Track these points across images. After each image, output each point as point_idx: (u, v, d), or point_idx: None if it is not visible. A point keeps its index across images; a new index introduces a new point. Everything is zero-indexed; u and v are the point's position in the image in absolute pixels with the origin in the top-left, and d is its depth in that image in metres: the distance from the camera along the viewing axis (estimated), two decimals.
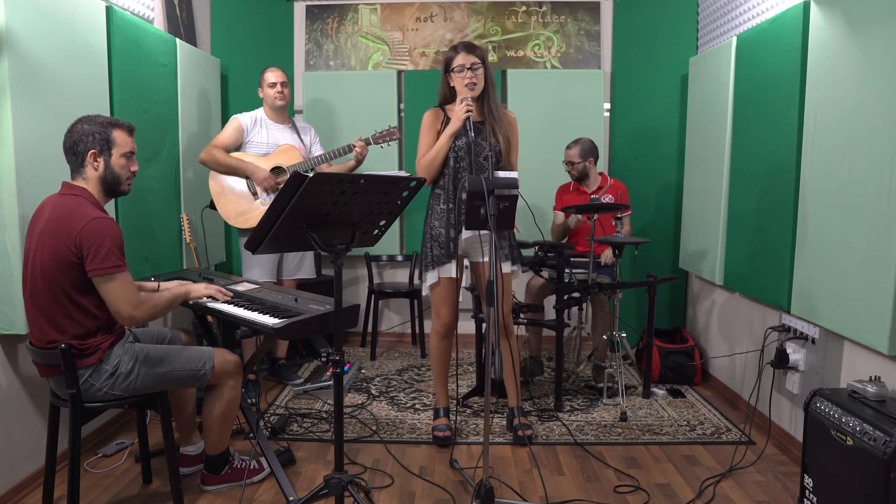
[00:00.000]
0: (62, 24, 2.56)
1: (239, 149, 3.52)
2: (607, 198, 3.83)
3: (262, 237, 2.07)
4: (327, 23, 4.64)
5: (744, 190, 3.31)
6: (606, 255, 3.78)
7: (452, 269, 2.90)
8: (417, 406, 3.48)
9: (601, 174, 3.96)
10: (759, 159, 3.13)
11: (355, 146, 3.55)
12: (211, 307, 2.39)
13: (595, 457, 2.87)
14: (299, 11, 4.65)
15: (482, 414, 3.31)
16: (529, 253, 3.53)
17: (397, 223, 4.60)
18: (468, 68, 2.77)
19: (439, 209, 2.90)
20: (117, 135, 2.16)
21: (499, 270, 2.23)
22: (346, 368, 2.98)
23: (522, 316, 3.53)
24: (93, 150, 2.12)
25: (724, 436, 3.11)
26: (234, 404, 2.43)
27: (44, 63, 2.45)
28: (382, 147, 3.75)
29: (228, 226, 4.23)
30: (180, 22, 3.82)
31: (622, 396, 3.38)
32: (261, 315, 2.23)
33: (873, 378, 2.19)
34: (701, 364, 3.90)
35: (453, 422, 3.15)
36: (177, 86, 3.53)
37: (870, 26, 2.33)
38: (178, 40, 3.55)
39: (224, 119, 4.17)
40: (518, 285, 4.19)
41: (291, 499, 2.35)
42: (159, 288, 2.40)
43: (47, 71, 2.47)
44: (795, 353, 2.83)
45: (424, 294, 2.99)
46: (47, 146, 2.43)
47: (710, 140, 3.71)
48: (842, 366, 2.58)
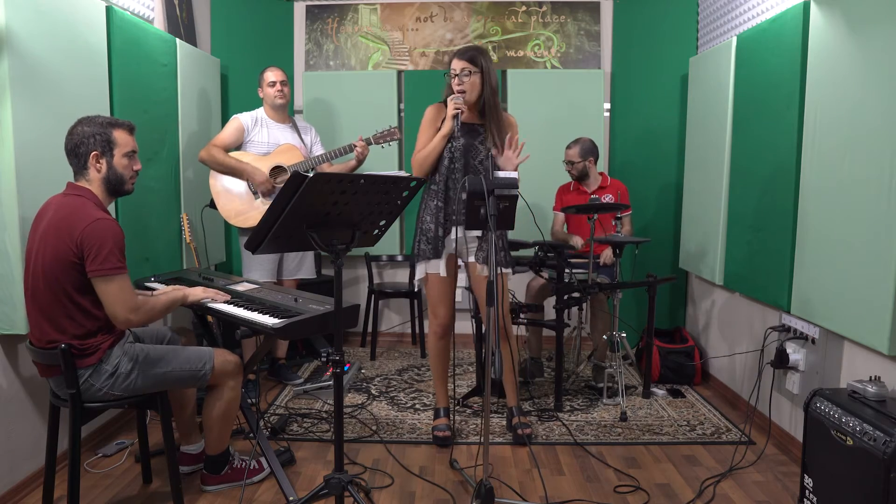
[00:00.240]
0: (62, 24, 2.56)
1: (239, 148, 3.52)
2: (607, 198, 3.83)
3: (262, 237, 2.07)
4: (327, 23, 4.64)
5: (744, 190, 3.31)
6: (606, 255, 3.78)
7: (440, 266, 2.91)
8: (417, 406, 3.48)
9: (601, 174, 3.96)
10: (759, 159, 3.13)
11: (356, 146, 3.55)
12: (211, 307, 2.39)
13: (595, 457, 2.87)
14: (299, 11, 4.65)
15: (482, 414, 3.31)
16: (529, 253, 3.53)
17: (397, 223, 4.60)
18: (457, 74, 2.84)
19: (433, 205, 2.93)
20: (118, 135, 2.16)
21: (497, 271, 2.23)
22: (346, 368, 2.99)
23: (522, 316, 3.52)
24: (95, 152, 2.12)
25: (724, 436, 3.11)
26: (234, 404, 2.44)
27: (44, 63, 2.45)
28: (383, 147, 3.75)
29: (228, 226, 4.23)
30: (180, 22, 3.82)
31: (622, 396, 3.38)
32: (261, 315, 2.23)
33: (873, 378, 2.19)
34: (701, 364, 3.90)
35: (453, 422, 3.15)
36: (177, 86, 3.53)
37: (870, 26, 2.33)
38: (178, 40, 3.55)
39: (224, 119, 4.17)
40: (518, 285, 4.19)
41: (291, 499, 2.35)
42: (154, 294, 2.40)
43: (47, 71, 2.47)
44: (795, 353, 2.83)
45: (416, 288, 3.01)
46: (47, 146, 2.43)
47: (710, 140, 3.71)
48: (842, 366, 2.58)
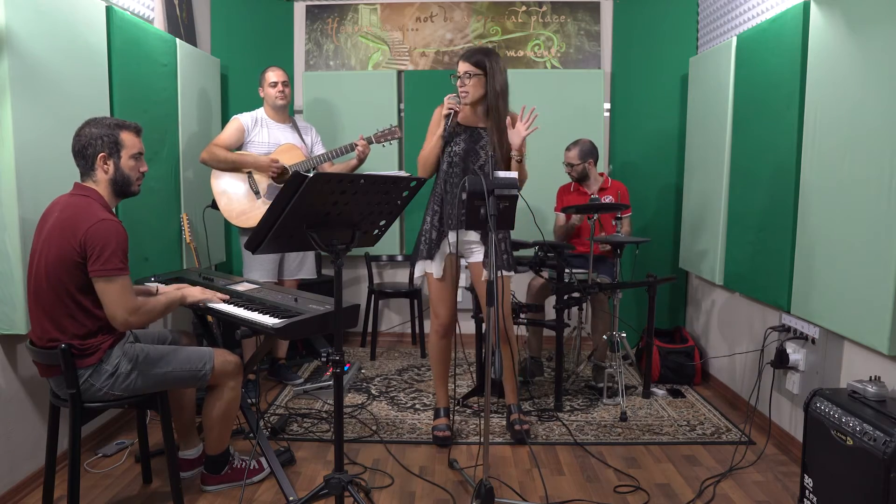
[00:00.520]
0: (62, 24, 2.56)
1: (240, 149, 3.52)
2: (607, 199, 3.83)
3: (263, 237, 2.07)
4: (327, 23, 4.64)
5: (744, 190, 3.31)
6: (604, 247, 3.77)
7: (436, 267, 2.92)
8: (417, 406, 3.48)
9: (601, 175, 3.96)
10: (759, 159, 3.13)
11: (357, 145, 3.55)
12: (211, 307, 2.39)
13: (595, 457, 2.87)
14: (299, 11, 4.65)
15: (482, 414, 3.31)
16: (529, 253, 3.53)
17: (397, 223, 4.60)
18: (459, 76, 2.84)
19: (433, 207, 2.94)
20: (125, 136, 2.18)
21: (495, 269, 2.23)
22: (346, 368, 2.99)
23: (522, 316, 3.53)
24: (102, 154, 2.13)
25: (724, 436, 3.11)
26: (235, 405, 2.44)
27: (44, 63, 2.45)
28: (384, 146, 3.75)
29: (229, 226, 4.23)
30: (180, 22, 3.82)
31: (622, 396, 3.38)
32: (261, 315, 2.23)
33: (873, 378, 2.19)
34: (701, 364, 3.90)
35: (453, 422, 3.15)
36: (177, 86, 3.53)
37: (870, 26, 2.33)
38: (178, 40, 3.55)
39: (224, 119, 4.17)
40: (518, 285, 4.19)
41: (291, 499, 2.35)
42: (157, 291, 2.41)
43: (47, 71, 2.47)
44: (795, 353, 2.83)
45: (417, 284, 3.01)
46: (47, 146, 2.44)
47: (710, 140, 3.71)
48: (842, 366, 2.58)
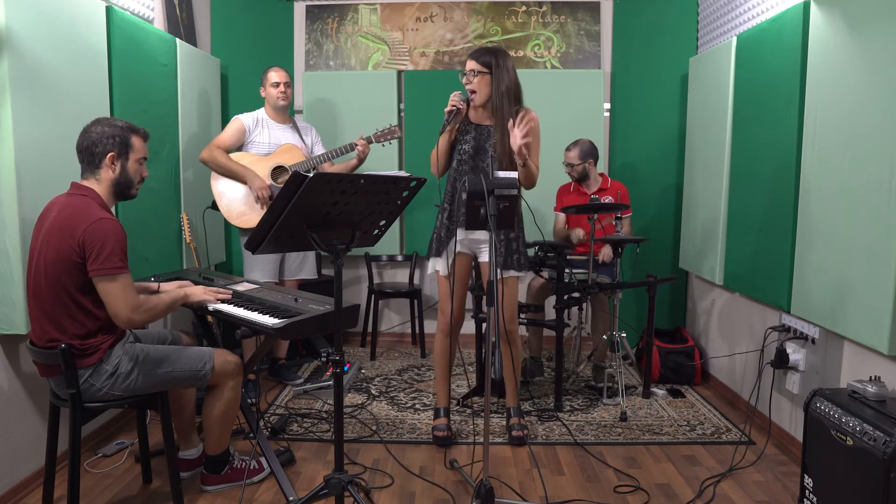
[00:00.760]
0: (62, 24, 2.56)
1: (241, 149, 3.52)
2: (607, 199, 3.83)
3: (262, 237, 2.07)
4: (327, 23, 4.64)
5: (744, 190, 3.31)
6: (605, 253, 3.78)
7: (441, 264, 2.93)
8: (417, 406, 3.48)
9: (601, 175, 3.96)
10: (759, 159, 3.13)
11: (357, 145, 3.55)
12: (211, 307, 2.39)
13: (595, 457, 2.87)
14: (299, 11, 4.65)
15: (482, 414, 3.31)
16: (529, 253, 3.53)
17: (397, 223, 4.60)
18: (465, 73, 2.85)
19: (444, 205, 2.97)
20: (136, 140, 2.21)
21: (498, 271, 2.23)
22: (346, 368, 2.98)
23: (522, 316, 3.52)
24: (112, 153, 2.14)
25: (724, 436, 3.11)
26: (235, 405, 2.44)
27: (44, 63, 2.45)
28: (384, 145, 3.75)
29: (229, 226, 4.23)
30: (180, 22, 3.82)
31: (622, 396, 3.38)
32: (261, 315, 2.23)
33: (873, 378, 2.19)
34: (701, 364, 3.90)
35: (454, 422, 3.15)
36: (177, 86, 3.54)
37: (870, 26, 2.33)
38: (178, 40, 3.55)
39: (224, 119, 4.17)
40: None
41: (291, 499, 2.35)
42: (159, 289, 2.41)
43: (47, 71, 2.47)
44: (795, 353, 2.83)
45: (429, 274, 3.01)
46: (47, 146, 2.44)
47: (710, 140, 3.71)
48: (842, 366, 2.58)
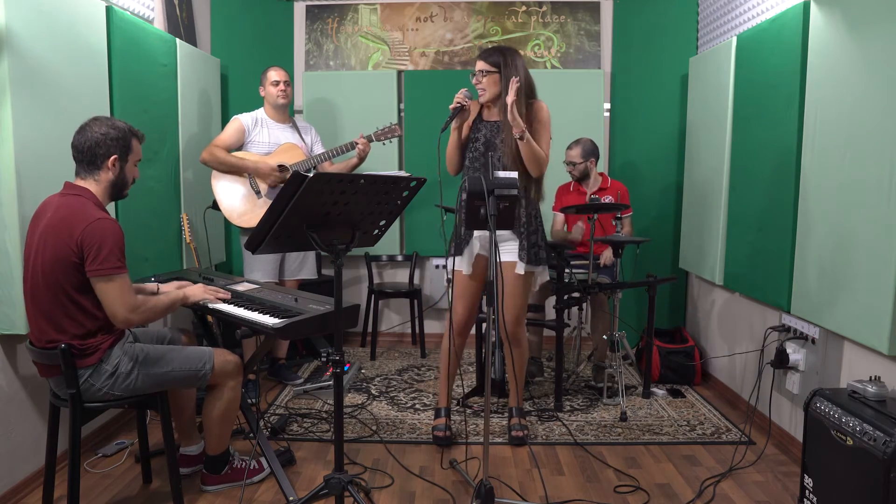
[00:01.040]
0: (62, 24, 2.56)
1: (240, 149, 3.52)
2: (607, 199, 3.83)
3: (263, 237, 2.07)
4: (327, 23, 4.64)
5: (744, 190, 3.31)
6: (606, 256, 3.78)
7: (462, 263, 2.92)
8: (417, 406, 3.48)
9: (601, 175, 3.96)
10: (759, 159, 3.13)
11: (357, 143, 3.55)
12: (211, 307, 2.39)
13: (595, 457, 2.87)
14: (299, 11, 4.65)
15: (482, 414, 3.31)
16: None
17: (397, 223, 4.60)
18: (473, 74, 2.87)
19: (459, 203, 2.98)
20: (135, 143, 2.23)
21: (498, 270, 2.23)
22: (346, 368, 2.98)
23: None
24: (115, 156, 2.15)
25: (724, 436, 3.11)
26: (235, 404, 2.43)
27: (44, 63, 2.45)
28: (384, 144, 3.75)
29: (229, 226, 4.24)
30: (180, 22, 3.82)
31: (622, 396, 3.38)
32: (261, 315, 2.23)
33: (873, 378, 2.19)
34: (701, 364, 3.90)
35: (454, 422, 3.15)
36: (177, 86, 3.54)
37: (870, 26, 2.33)
38: (178, 40, 3.55)
39: (224, 119, 4.17)
40: None
41: (291, 499, 2.35)
42: (158, 290, 2.41)
43: (47, 71, 2.47)
44: (795, 353, 2.83)
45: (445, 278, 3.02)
46: (47, 146, 2.44)
47: (710, 140, 3.71)
48: (842, 366, 2.58)
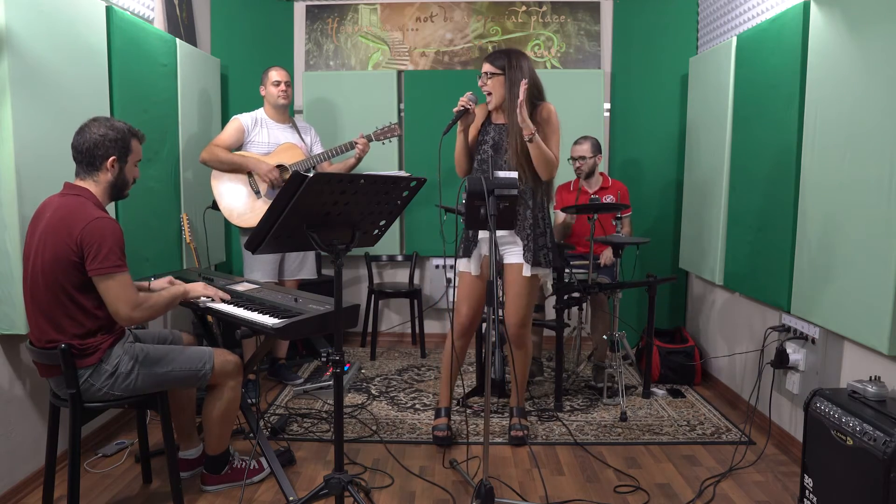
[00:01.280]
0: (62, 24, 2.56)
1: (240, 149, 3.52)
2: (608, 198, 3.83)
3: (263, 237, 2.07)
4: (327, 23, 4.64)
5: (744, 190, 3.31)
6: (606, 256, 3.78)
7: (470, 265, 2.93)
8: (417, 406, 3.48)
9: (602, 174, 3.97)
10: (759, 159, 3.13)
11: (357, 144, 3.55)
12: (211, 307, 2.39)
13: (595, 457, 2.87)
14: (299, 11, 4.65)
15: (482, 414, 3.31)
16: None
17: (397, 223, 4.60)
18: (479, 76, 2.88)
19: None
20: (135, 144, 2.22)
21: (497, 270, 2.23)
22: (346, 368, 2.98)
23: None
24: (114, 157, 2.15)
25: (724, 436, 3.11)
26: (235, 404, 2.44)
27: (44, 63, 2.45)
28: (384, 143, 3.75)
29: (229, 226, 4.24)
30: (180, 22, 3.82)
31: (622, 396, 3.38)
32: (261, 315, 2.23)
33: (873, 378, 2.19)
34: (701, 364, 3.90)
35: (454, 422, 3.14)
36: (177, 86, 3.54)
37: (870, 26, 2.33)
38: (178, 40, 3.55)
39: (224, 119, 4.17)
40: None
41: (291, 499, 2.35)
42: (150, 287, 2.41)
43: (47, 71, 2.47)
44: (795, 353, 2.83)
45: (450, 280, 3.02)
46: (47, 146, 2.44)
47: (710, 140, 3.71)
48: (842, 366, 2.58)
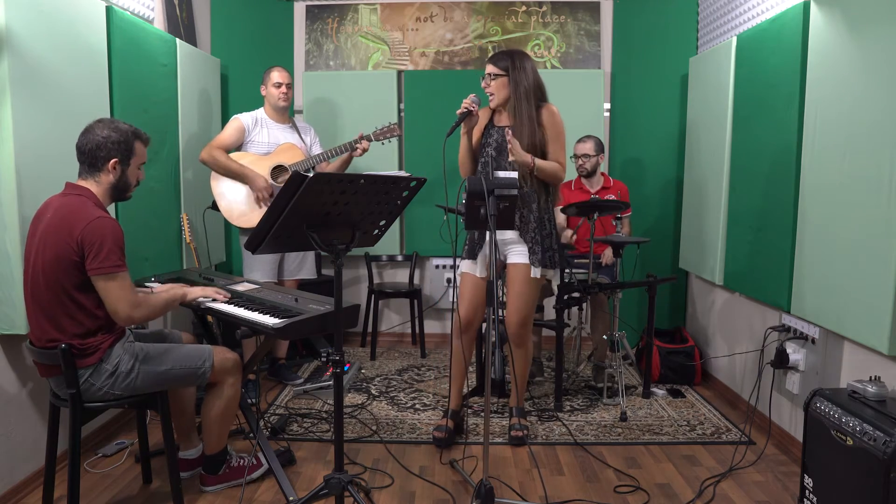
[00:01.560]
0: (62, 24, 2.56)
1: (240, 149, 3.52)
2: (609, 198, 3.83)
3: (262, 237, 2.07)
4: (327, 23, 4.64)
5: (744, 190, 3.31)
6: (607, 256, 3.78)
7: (474, 266, 2.93)
8: (417, 406, 3.48)
9: (603, 174, 3.97)
10: (759, 159, 3.13)
11: (357, 145, 3.54)
12: (211, 307, 2.39)
13: (595, 457, 2.87)
14: (299, 11, 4.65)
15: (482, 414, 3.31)
16: None
17: (397, 223, 4.60)
18: (483, 77, 2.88)
19: None
20: (138, 146, 2.22)
21: (497, 270, 2.23)
22: (346, 368, 2.98)
23: None
24: (115, 159, 2.14)
25: (724, 436, 3.11)
26: (234, 403, 2.44)
27: (44, 63, 2.45)
28: (384, 143, 3.75)
29: (229, 226, 4.23)
30: (180, 22, 3.82)
31: (622, 396, 3.38)
32: (261, 315, 2.23)
33: (873, 378, 2.19)
34: (701, 364, 3.90)
35: (449, 422, 3.14)
36: (177, 86, 3.54)
37: (870, 26, 2.33)
38: (178, 40, 3.55)
39: (224, 119, 4.17)
40: None
41: (291, 499, 2.35)
42: (152, 292, 2.40)
43: (47, 71, 2.47)
44: (795, 353, 2.83)
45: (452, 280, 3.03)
46: (47, 146, 2.44)
47: (710, 140, 3.71)
48: (842, 366, 2.58)
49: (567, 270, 3.43)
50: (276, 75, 3.56)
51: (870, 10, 2.33)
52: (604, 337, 3.59)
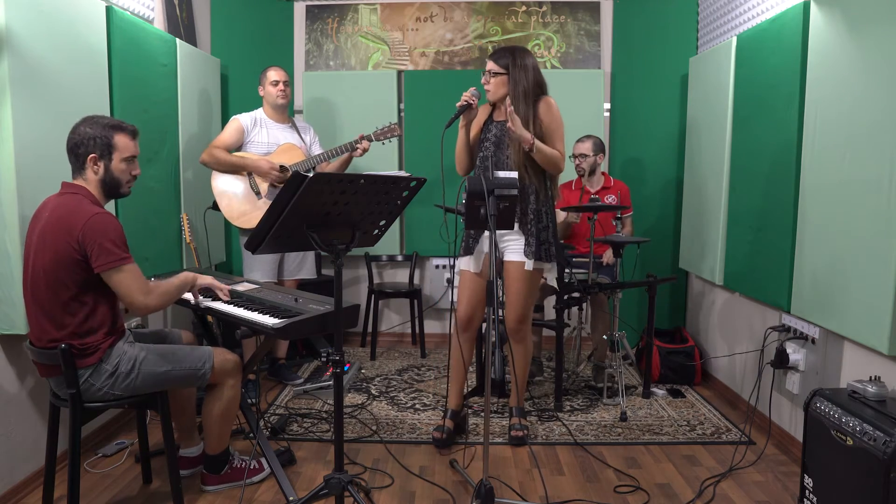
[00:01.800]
0: (62, 24, 2.56)
1: (240, 149, 3.52)
2: (609, 198, 3.83)
3: (263, 237, 2.07)
4: (327, 23, 4.64)
5: (744, 190, 3.31)
6: (608, 255, 3.78)
7: (471, 263, 2.93)
8: (417, 406, 3.48)
9: (604, 174, 3.97)
10: (759, 159, 3.13)
11: (357, 145, 3.54)
12: (211, 307, 2.39)
13: (595, 457, 2.87)
14: (299, 11, 4.65)
15: (482, 414, 3.31)
16: None
17: (397, 223, 4.60)
18: (483, 73, 2.89)
19: None
20: (119, 139, 2.16)
21: (496, 270, 2.23)
22: (346, 368, 2.98)
23: None
24: (93, 155, 2.12)
25: (724, 436, 3.11)
26: (234, 403, 2.44)
27: (44, 63, 2.45)
28: (384, 143, 3.75)
29: (229, 226, 4.23)
30: (180, 22, 3.82)
31: (622, 396, 3.38)
32: (261, 315, 2.23)
33: (873, 378, 2.19)
34: (701, 364, 3.90)
35: (447, 422, 3.14)
36: (177, 86, 3.53)
37: (870, 26, 2.33)
38: (178, 40, 3.55)
39: (224, 119, 4.17)
40: None
41: (291, 499, 2.35)
42: None
43: (47, 71, 2.47)
44: (795, 353, 2.83)
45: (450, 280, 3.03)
46: (47, 146, 2.44)
47: (710, 140, 3.71)
48: (842, 366, 2.58)
49: (567, 270, 3.43)
50: (273, 73, 3.56)
51: (870, 10, 2.33)
52: (604, 337, 3.58)
